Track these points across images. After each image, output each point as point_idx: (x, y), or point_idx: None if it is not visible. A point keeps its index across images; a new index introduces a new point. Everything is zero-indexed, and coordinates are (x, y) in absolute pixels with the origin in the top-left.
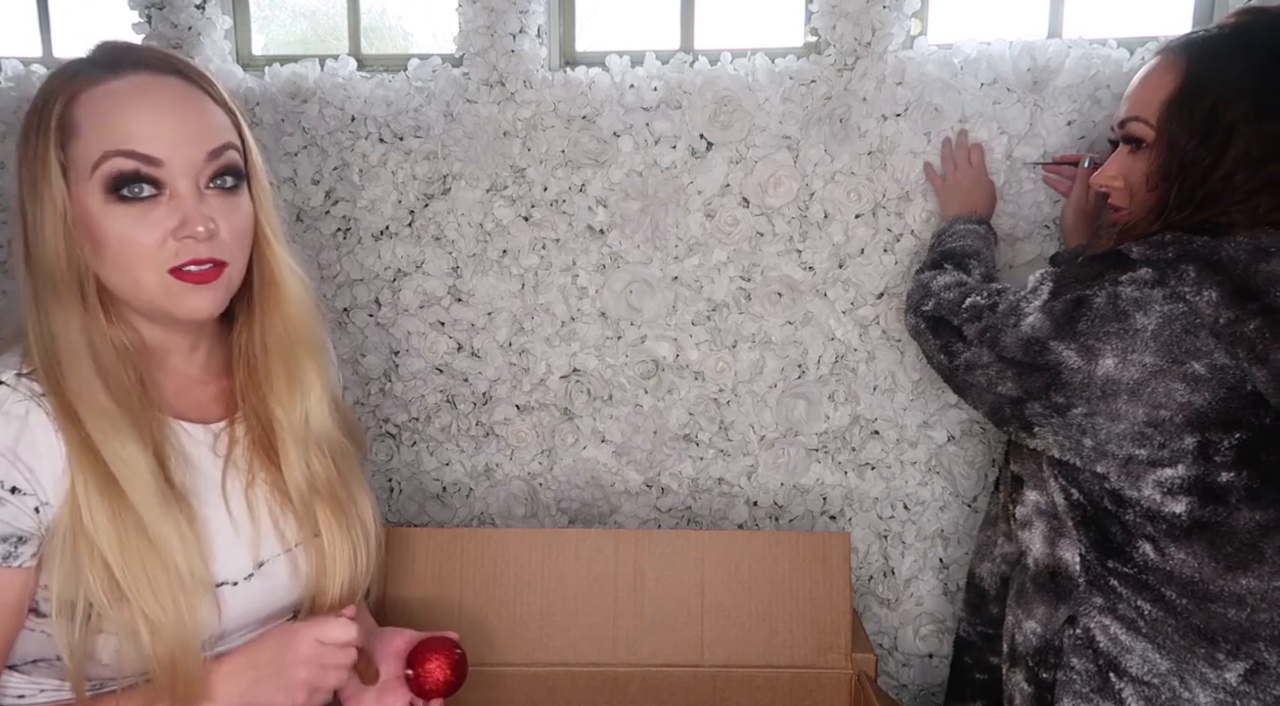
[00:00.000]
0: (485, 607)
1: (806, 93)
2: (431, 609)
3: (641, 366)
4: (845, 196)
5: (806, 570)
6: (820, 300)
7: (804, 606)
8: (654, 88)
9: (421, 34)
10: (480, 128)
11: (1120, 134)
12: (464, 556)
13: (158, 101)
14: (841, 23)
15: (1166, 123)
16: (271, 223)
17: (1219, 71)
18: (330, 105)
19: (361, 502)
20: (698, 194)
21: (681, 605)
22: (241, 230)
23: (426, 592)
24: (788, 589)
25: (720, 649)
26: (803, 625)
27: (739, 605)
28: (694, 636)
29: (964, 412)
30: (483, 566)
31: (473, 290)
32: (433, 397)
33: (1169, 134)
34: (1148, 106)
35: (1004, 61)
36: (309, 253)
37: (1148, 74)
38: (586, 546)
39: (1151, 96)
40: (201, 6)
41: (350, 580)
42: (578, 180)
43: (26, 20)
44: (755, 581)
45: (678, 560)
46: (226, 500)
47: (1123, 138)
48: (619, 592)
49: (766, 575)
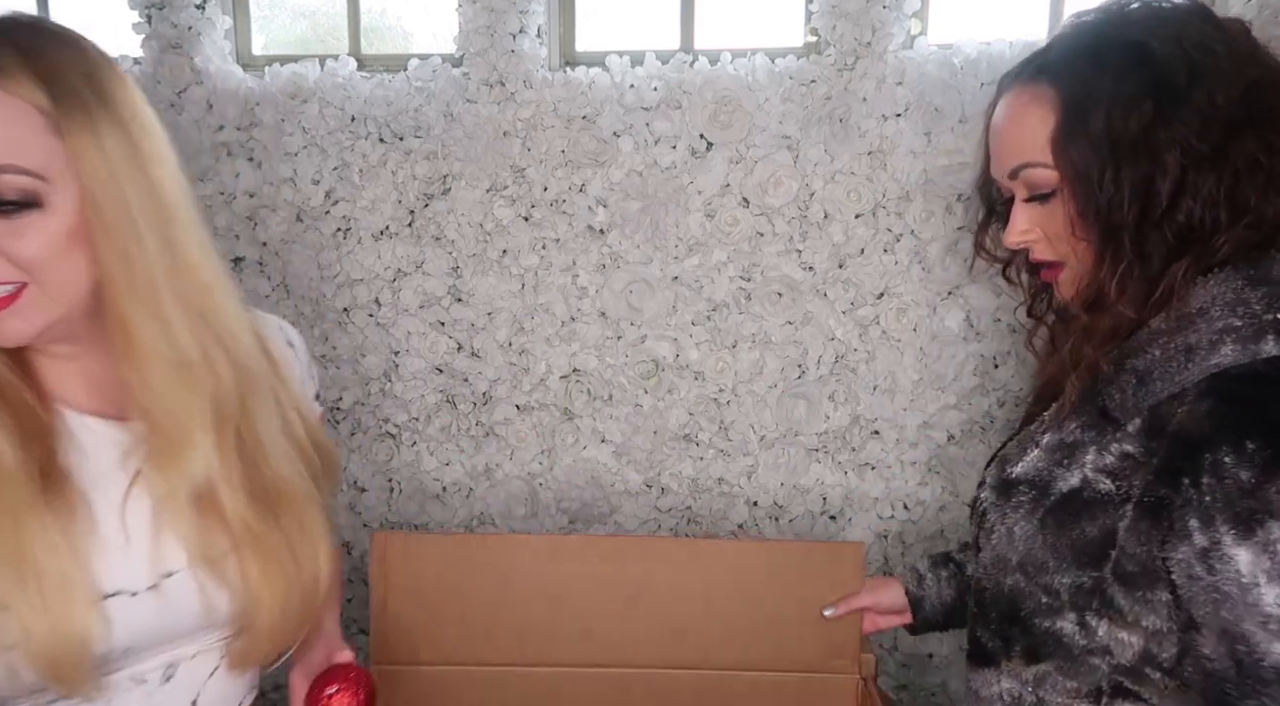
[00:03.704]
0: (488, 610)
1: (806, 93)
2: (434, 612)
3: (641, 366)
4: (845, 196)
5: (818, 580)
6: (820, 300)
7: (813, 614)
8: (654, 88)
9: (421, 34)
10: (480, 128)
11: (1010, 188)
12: (469, 561)
13: None
14: (841, 23)
15: (1065, 155)
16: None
17: (1092, 85)
18: (330, 105)
19: (308, 527)
20: (698, 194)
21: (688, 610)
22: (28, 258)
23: (428, 598)
24: (798, 597)
25: (726, 653)
26: (812, 632)
27: (746, 612)
28: (700, 641)
29: (964, 413)
30: (487, 571)
31: (473, 290)
32: (433, 397)
33: (1075, 166)
34: (1035, 148)
35: (1004, 61)
36: (309, 253)
37: (1014, 116)
38: (592, 552)
39: (1032, 137)
40: (201, 6)
41: (283, 611)
42: (578, 180)
43: None
44: (764, 589)
45: (685, 567)
46: (125, 504)
47: (1017, 190)
48: (624, 597)
49: (777, 583)
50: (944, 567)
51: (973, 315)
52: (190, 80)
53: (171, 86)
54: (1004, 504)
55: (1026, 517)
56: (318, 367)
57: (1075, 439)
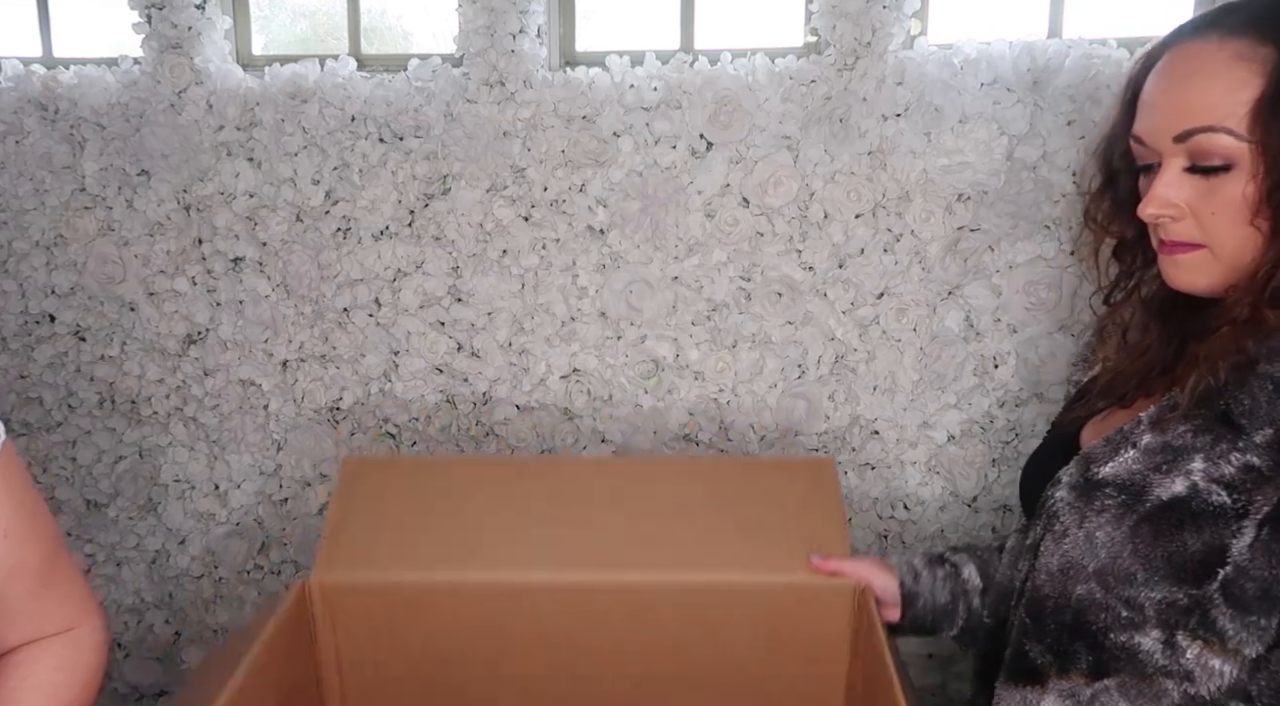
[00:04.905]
0: (455, 529)
1: (806, 93)
2: (396, 530)
3: (641, 366)
4: (845, 196)
5: (795, 490)
6: (820, 300)
7: (794, 525)
8: (654, 88)
9: (421, 34)
10: (480, 128)
11: (1163, 153)
12: (436, 483)
13: None
14: (841, 23)
15: (1271, 128)
16: None
17: None
18: (330, 105)
19: None
20: (698, 194)
21: (661, 523)
22: None
23: (389, 517)
24: (779, 506)
25: (705, 561)
26: (797, 541)
27: (724, 522)
28: (675, 552)
29: (964, 413)
30: (453, 494)
31: (473, 290)
32: (433, 397)
33: (1275, 144)
34: (1226, 112)
35: (1004, 61)
36: (309, 253)
37: (1204, 71)
38: (561, 474)
39: (1225, 99)
40: (201, 6)
41: None
42: (578, 180)
43: (26, 20)
44: (742, 500)
45: (657, 483)
46: None
47: (1173, 157)
48: (593, 514)
49: (755, 493)
50: (940, 567)
51: (973, 315)
52: (190, 80)
53: (171, 86)
54: (1084, 506)
55: (1113, 523)
56: (317, 367)
57: (1184, 443)
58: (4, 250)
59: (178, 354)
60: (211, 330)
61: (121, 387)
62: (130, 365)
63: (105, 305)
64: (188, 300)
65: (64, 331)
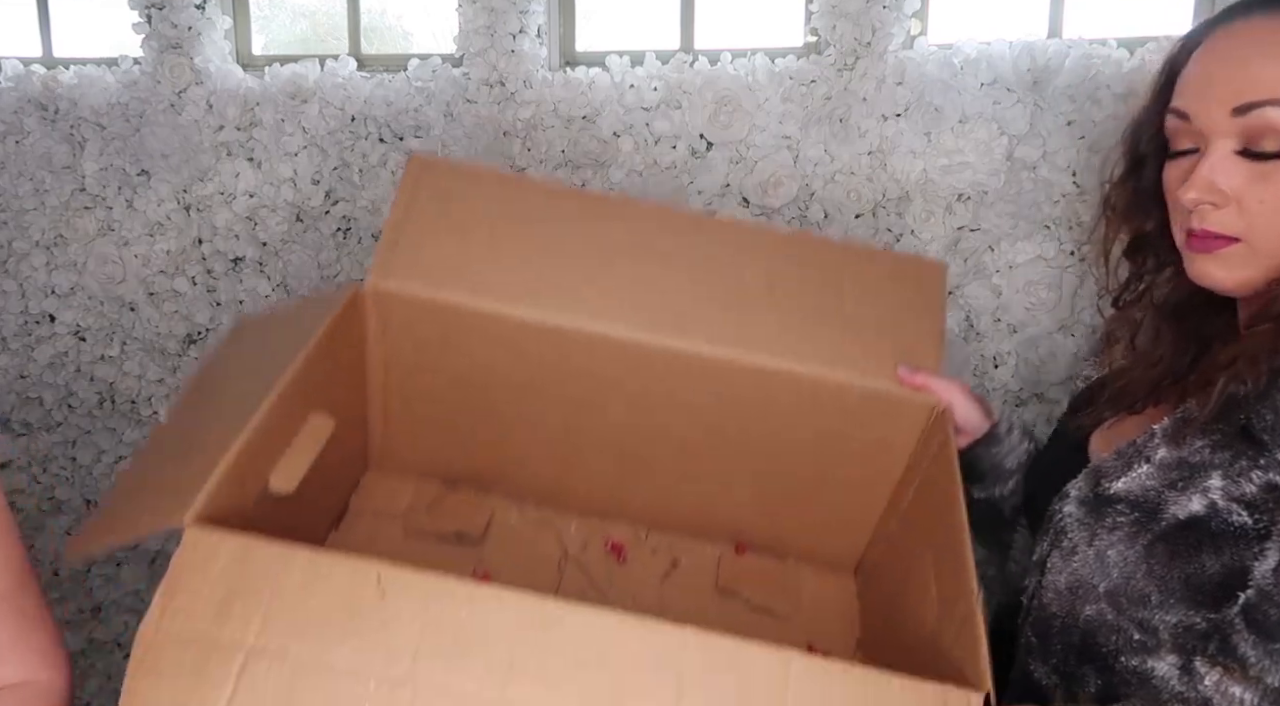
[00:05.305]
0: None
1: (806, 93)
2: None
3: None
4: (845, 196)
5: (898, 293)
6: None
7: (889, 327)
8: (654, 88)
9: (421, 34)
10: (480, 128)
11: (1214, 131)
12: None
13: None
14: (841, 23)
15: None
16: None
17: None
18: (330, 105)
19: None
20: (698, 194)
21: (736, 291)
22: None
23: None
24: (875, 304)
25: (783, 345)
26: (887, 346)
27: (811, 307)
28: (748, 329)
29: None
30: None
31: None
32: None
33: None
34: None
35: (1004, 61)
36: (309, 253)
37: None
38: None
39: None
40: (201, 6)
41: None
42: (578, 180)
43: (26, 20)
44: (833, 288)
45: (742, 249)
46: None
47: (1224, 137)
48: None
49: (849, 284)
50: (1028, 442)
51: (973, 315)
52: (190, 80)
53: (171, 86)
54: (1095, 523)
55: (1126, 542)
56: None
57: (1201, 460)
58: (4, 250)
59: (178, 354)
60: (211, 330)
61: (121, 388)
62: (130, 365)
63: (105, 305)
64: (188, 300)
65: (64, 331)
